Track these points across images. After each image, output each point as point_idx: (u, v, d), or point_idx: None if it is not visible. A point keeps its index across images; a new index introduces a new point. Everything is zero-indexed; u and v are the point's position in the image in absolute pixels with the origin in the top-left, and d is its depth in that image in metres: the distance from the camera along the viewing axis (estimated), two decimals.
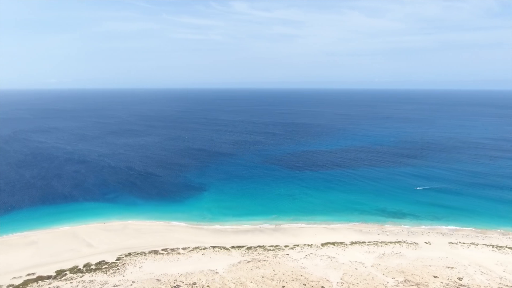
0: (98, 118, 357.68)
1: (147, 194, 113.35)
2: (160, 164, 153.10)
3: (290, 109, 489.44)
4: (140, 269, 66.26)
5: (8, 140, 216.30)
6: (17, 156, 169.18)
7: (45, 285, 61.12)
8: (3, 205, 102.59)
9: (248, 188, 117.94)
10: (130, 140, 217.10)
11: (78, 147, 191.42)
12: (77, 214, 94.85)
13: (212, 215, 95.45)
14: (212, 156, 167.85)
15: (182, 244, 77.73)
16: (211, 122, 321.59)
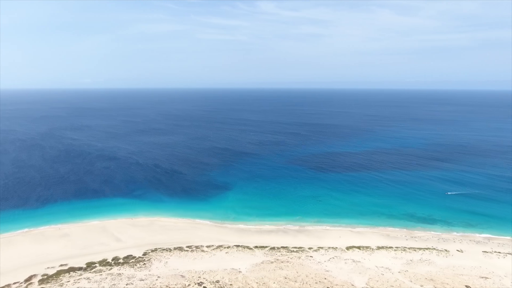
0: (127, 117, 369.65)
1: (173, 191, 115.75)
2: (185, 162, 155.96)
3: (316, 110, 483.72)
4: (165, 265, 67.69)
5: (45, 137, 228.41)
6: (52, 152, 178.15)
7: (76, 276, 63.81)
8: (40, 198, 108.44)
9: (272, 189, 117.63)
10: (157, 138, 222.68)
11: (108, 145, 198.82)
12: (107, 209, 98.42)
13: (236, 214, 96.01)
14: (236, 156, 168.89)
15: (206, 242, 78.70)
16: (236, 122, 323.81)
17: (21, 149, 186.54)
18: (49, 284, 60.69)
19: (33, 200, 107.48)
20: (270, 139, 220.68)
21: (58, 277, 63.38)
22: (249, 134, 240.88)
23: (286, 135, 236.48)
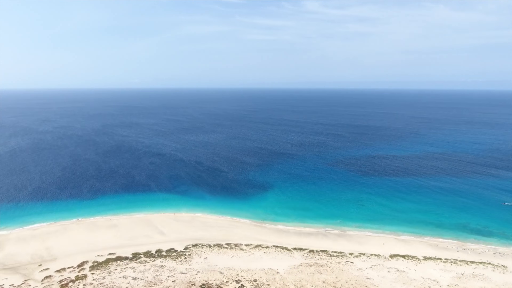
0: (172, 116, 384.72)
1: (213, 189, 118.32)
2: (226, 160, 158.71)
3: (361, 111, 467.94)
4: (205, 260, 69.23)
5: (98, 133, 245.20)
6: (104, 147, 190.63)
7: (123, 264, 67.49)
8: (92, 189, 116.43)
9: (312, 190, 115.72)
10: (200, 136, 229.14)
11: (154, 141, 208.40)
12: (152, 203, 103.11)
13: (275, 215, 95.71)
14: (277, 156, 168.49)
15: (245, 240, 79.34)
16: (278, 122, 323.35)
17: (77, 144, 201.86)
18: (98, 271, 64.82)
19: (86, 191, 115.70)
20: (312, 140, 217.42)
21: (107, 264, 67.48)
22: (290, 135, 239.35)
23: (328, 136, 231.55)
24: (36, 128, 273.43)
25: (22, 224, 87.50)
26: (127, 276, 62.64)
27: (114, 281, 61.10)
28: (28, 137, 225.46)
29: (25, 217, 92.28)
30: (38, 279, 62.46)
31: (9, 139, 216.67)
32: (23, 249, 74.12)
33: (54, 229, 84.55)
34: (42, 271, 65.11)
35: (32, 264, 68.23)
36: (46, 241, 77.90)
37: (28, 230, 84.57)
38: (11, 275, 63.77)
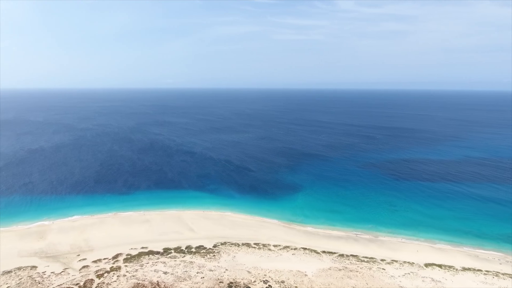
0: (204, 115, 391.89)
1: (242, 188, 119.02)
2: (255, 160, 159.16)
3: (395, 112, 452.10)
4: (233, 259, 69.74)
5: (133, 131, 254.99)
6: (139, 144, 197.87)
7: (154, 259, 69.56)
8: (127, 184, 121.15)
9: (343, 193, 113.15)
10: (230, 136, 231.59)
11: (186, 140, 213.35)
12: (182, 200, 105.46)
13: (304, 216, 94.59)
14: (306, 157, 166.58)
15: (273, 241, 79.08)
16: (308, 122, 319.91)
17: (114, 141, 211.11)
18: (131, 263, 67.24)
19: (121, 185, 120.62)
20: (342, 141, 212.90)
21: (139, 258, 69.85)
22: (320, 136, 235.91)
23: (360, 138, 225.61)
24: (76, 125, 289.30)
25: (63, 216, 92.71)
26: (158, 270, 64.46)
27: (146, 274, 63.10)
28: (69, 134, 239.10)
29: (65, 209, 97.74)
30: (76, 268, 65.86)
31: (53, 135, 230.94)
32: (64, 239, 78.48)
33: (92, 222, 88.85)
34: (80, 261, 68.61)
35: (71, 253, 72.07)
36: (84, 233, 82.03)
37: (68, 221, 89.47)
38: (52, 263, 67.76)
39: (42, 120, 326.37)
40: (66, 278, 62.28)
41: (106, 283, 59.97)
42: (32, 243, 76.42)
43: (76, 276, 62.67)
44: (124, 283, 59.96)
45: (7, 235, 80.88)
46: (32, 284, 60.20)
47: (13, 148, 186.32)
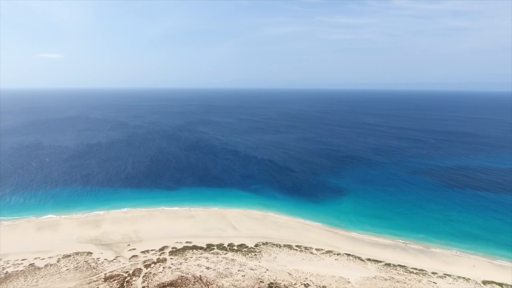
0: (248, 115, 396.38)
1: (285, 189, 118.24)
2: (299, 161, 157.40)
3: (452, 116, 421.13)
4: (274, 260, 69.43)
5: (181, 129, 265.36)
6: (186, 142, 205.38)
7: (198, 253, 71.53)
8: (173, 179, 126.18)
9: (391, 200, 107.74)
10: (273, 136, 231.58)
11: (230, 139, 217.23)
12: (226, 198, 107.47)
13: (348, 222, 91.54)
14: (352, 160, 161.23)
15: (315, 244, 77.48)
16: (354, 124, 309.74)
17: (163, 138, 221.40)
18: (176, 256, 69.77)
19: (168, 181, 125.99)
20: (392, 145, 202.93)
21: (184, 252, 72.27)
22: (367, 138, 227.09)
23: (411, 142, 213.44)
24: (130, 123, 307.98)
25: (116, 207, 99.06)
26: (201, 265, 66.15)
27: (190, 268, 65.07)
28: (123, 130, 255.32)
29: (118, 201, 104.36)
30: (126, 257, 69.86)
31: (109, 132, 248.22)
32: (116, 229, 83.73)
33: (141, 214, 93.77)
34: (130, 251, 72.69)
35: (122, 243, 76.62)
36: (134, 224, 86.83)
37: (121, 213, 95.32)
38: (105, 251, 72.56)
39: (100, 118, 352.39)
40: (117, 265, 66.32)
41: (153, 273, 62.84)
42: (89, 231, 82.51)
43: (126, 265, 66.45)
44: (169, 275, 62.37)
45: (67, 222, 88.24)
46: (88, 268, 64.92)
47: (75, 142, 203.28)
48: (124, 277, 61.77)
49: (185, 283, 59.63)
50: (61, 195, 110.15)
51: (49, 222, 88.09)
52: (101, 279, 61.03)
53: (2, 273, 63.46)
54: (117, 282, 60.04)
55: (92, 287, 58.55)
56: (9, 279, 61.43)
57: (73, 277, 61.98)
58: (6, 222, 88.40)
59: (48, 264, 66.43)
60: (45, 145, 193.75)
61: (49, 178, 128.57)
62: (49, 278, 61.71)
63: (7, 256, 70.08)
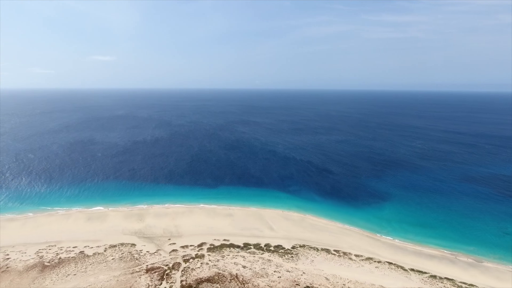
0: (288, 116, 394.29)
1: (324, 191, 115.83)
2: (338, 164, 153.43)
3: (508, 119, 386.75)
4: (311, 263, 68.20)
5: (221, 128, 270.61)
6: (226, 141, 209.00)
7: (234, 252, 72.32)
8: (214, 177, 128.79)
9: (438, 208, 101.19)
10: (313, 138, 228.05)
11: (270, 139, 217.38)
12: (264, 199, 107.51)
13: (391, 228, 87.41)
14: (395, 164, 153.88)
15: (355, 250, 74.98)
16: (399, 127, 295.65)
17: (204, 137, 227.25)
18: (214, 253, 71.09)
19: (208, 178, 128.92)
20: (440, 149, 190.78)
21: (221, 249, 73.43)
22: (412, 142, 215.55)
23: (462, 147, 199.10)
24: (173, 121, 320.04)
25: (158, 202, 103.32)
26: (238, 263, 66.77)
27: (226, 265, 65.95)
28: (167, 129, 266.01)
29: (161, 196, 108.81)
30: (167, 250, 72.49)
31: (154, 130, 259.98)
32: (158, 223, 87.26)
33: (182, 210, 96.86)
34: (170, 245, 75.33)
35: (163, 237, 79.65)
36: (175, 220, 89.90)
37: (163, 208, 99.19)
38: (148, 244, 75.88)
39: (146, 116, 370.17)
40: (158, 258, 69.04)
41: (191, 268, 64.55)
42: (133, 224, 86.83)
43: (166, 258, 68.94)
44: (206, 271, 63.70)
45: (114, 214, 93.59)
46: (131, 259, 68.29)
47: (123, 139, 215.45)
48: (164, 270, 64.14)
49: (222, 280, 60.53)
50: (110, 189, 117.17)
51: (98, 214, 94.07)
52: (143, 270, 63.89)
53: (56, 258, 68.82)
54: (158, 274, 62.48)
55: (134, 277, 61.49)
56: (62, 264, 66.46)
57: (117, 266, 65.55)
58: (61, 211, 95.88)
59: (96, 253, 70.90)
60: (97, 141, 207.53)
61: (100, 171, 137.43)
62: (96, 265, 65.83)
63: (61, 243, 75.89)
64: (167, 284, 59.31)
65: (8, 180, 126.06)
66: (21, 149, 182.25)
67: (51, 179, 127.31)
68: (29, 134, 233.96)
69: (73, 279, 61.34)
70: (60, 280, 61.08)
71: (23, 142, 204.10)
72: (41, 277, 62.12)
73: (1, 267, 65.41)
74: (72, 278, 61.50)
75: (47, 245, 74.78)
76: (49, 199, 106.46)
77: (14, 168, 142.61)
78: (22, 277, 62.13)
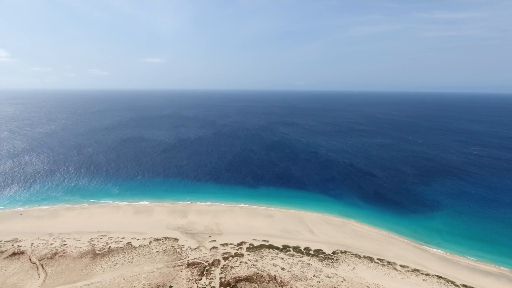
0: (331, 118, 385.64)
1: (368, 196, 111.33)
2: (383, 168, 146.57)
3: None
4: (353, 270, 65.73)
5: (263, 129, 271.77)
6: (267, 142, 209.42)
7: (273, 253, 71.94)
8: (254, 177, 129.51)
9: (498, 221, 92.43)
10: (357, 140, 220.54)
11: (312, 141, 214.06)
12: (304, 201, 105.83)
13: (441, 240, 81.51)
14: (449, 171, 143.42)
15: (400, 260, 70.99)
16: (452, 132, 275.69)
17: (246, 137, 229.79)
18: (253, 253, 71.29)
19: (249, 178, 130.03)
20: (500, 157, 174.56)
21: (260, 249, 73.44)
22: (468, 148, 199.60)
23: None
24: (217, 121, 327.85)
25: (200, 199, 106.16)
26: (276, 265, 66.31)
27: (265, 266, 65.79)
28: (211, 128, 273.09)
29: (203, 194, 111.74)
30: (207, 247, 74.10)
31: (198, 129, 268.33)
32: (200, 220, 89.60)
33: (223, 209, 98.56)
34: (210, 242, 76.92)
35: (204, 234, 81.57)
36: (216, 217, 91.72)
37: (205, 205, 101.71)
38: (190, 239, 78.15)
39: (191, 116, 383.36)
40: (199, 254, 70.80)
41: (230, 266, 65.31)
42: (176, 219, 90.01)
43: (207, 254, 70.46)
44: (245, 270, 64.05)
45: (159, 209, 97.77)
46: (174, 253, 70.76)
47: (170, 137, 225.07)
48: (204, 265, 65.60)
49: (260, 280, 60.48)
50: (155, 184, 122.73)
51: (144, 208, 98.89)
52: (185, 265, 65.87)
53: (106, 247, 73.41)
54: (198, 269, 64.04)
55: (176, 270, 63.60)
56: (111, 253, 70.71)
57: (161, 259, 68.28)
58: (113, 204, 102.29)
59: (141, 245, 74.50)
60: (146, 138, 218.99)
61: (148, 167, 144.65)
62: (141, 257, 69.14)
63: (111, 233, 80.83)
64: (207, 280, 60.55)
65: (69, 172, 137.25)
66: (80, 144, 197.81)
67: (105, 173, 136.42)
68: (87, 130, 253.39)
69: (121, 268, 64.96)
70: (109, 268, 65.02)
71: (81, 137, 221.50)
72: (93, 263, 66.61)
73: (59, 252, 71.21)
74: (119, 267, 65.17)
75: (98, 234, 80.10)
76: (102, 192, 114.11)
77: (74, 161, 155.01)
78: (76, 263, 67.10)
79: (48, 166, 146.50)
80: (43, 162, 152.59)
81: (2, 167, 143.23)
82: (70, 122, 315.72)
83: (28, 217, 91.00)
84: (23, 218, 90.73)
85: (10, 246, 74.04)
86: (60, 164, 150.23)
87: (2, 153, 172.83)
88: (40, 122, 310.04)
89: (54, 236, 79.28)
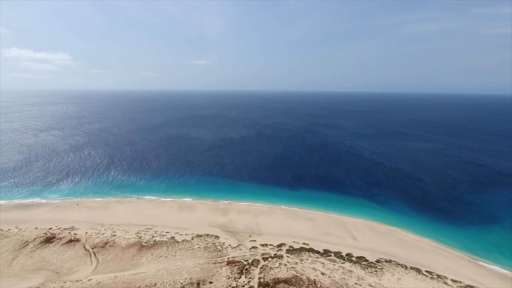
0: (377, 121, 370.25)
1: (416, 204, 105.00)
2: (433, 175, 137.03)
3: None
4: (398, 281, 62.36)
5: (306, 130, 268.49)
6: (309, 143, 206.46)
7: (313, 257, 70.50)
8: (295, 178, 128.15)
9: None
10: (405, 144, 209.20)
11: (355, 144, 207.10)
12: (347, 206, 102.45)
13: (500, 255, 74.50)
14: (507, 181, 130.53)
15: (451, 274, 65.99)
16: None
17: (288, 138, 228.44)
18: (292, 256, 70.48)
19: (290, 179, 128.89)
20: None
21: (300, 252, 72.39)
22: None
23: None
24: (260, 122, 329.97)
25: (241, 199, 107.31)
26: (316, 269, 64.90)
27: (304, 269, 64.70)
28: (254, 128, 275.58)
29: (244, 193, 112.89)
30: (247, 246, 74.62)
31: (241, 129, 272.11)
32: (240, 220, 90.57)
33: (263, 209, 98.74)
34: (250, 241, 77.36)
35: (244, 233, 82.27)
36: (256, 218, 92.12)
37: (246, 205, 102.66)
38: (230, 237, 79.28)
39: (234, 116, 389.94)
40: (238, 253, 71.53)
41: (269, 267, 65.14)
42: (218, 217, 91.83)
43: (246, 254, 70.96)
44: (284, 271, 63.50)
45: (202, 206, 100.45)
46: (214, 250, 72.22)
47: (213, 136, 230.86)
48: (243, 264, 66.12)
49: (299, 283, 59.57)
50: (198, 181, 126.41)
51: (187, 204, 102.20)
52: (225, 262, 66.92)
53: (152, 240, 76.96)
54: (238, 268, 64.70)
55: (216, 267, 64.82)
56: (156, 246, 73.99)
57: (202, 255, 70.03)
58: (159, 199, 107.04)
59: (184, 240, 77.02)
60: (192, 137, 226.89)
61: (192, 165, 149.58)
62: (184, 251, 71.45)
63: (156, 227, 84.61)
64: (246, 278, 60.94)
65: (122, 166, 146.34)
66: (132, 140, 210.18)
67: (153, 169, 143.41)
68: (137, 128, 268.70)
69: (164, 261, 67.70)
70: (154, 260, 68.06)
71: (132, 134, 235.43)
72: (139, 255, 70.17)
73: (109, 242, 76.01)
74: (163, 260, 67.95)
75: (145, 227, 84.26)
76: (148, 187, 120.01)
77: (127, 156, 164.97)
78: (124, 253, 71.13)
79: (103, 160, 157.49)
80: (100, 157, 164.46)
81: (65, 161, 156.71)
82: (122, 120, 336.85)
83: (83, 208, 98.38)
84: (79, 208, 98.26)
85: (67, 233, 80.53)
86: (114, 159, 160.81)
87: (66, 147, 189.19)
88: (97, 120, 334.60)
89: (105, 226, 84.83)
